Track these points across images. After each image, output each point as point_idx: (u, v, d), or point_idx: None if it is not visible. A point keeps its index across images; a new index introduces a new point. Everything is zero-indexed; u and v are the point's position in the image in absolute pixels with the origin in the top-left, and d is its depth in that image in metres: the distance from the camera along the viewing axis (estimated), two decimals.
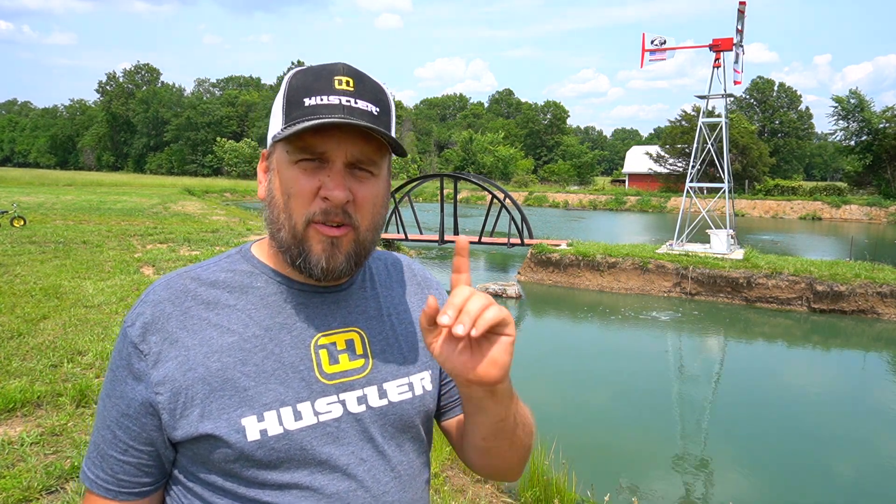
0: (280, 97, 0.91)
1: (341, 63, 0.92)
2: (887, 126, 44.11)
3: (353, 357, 0.96)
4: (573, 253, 15.10)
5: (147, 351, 0.89)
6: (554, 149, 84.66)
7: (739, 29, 17.08)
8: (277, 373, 0.90)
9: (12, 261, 10.15)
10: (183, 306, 0.92)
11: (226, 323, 0.91)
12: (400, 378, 0.99)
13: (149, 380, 0.88)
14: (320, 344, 0.94)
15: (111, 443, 0.91)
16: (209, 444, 0.87)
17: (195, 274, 0.96)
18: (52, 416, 4.12)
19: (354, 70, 0.92)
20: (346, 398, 0.93)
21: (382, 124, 0.90)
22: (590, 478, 5.13)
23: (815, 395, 8.70)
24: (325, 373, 0.93)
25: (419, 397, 1.00)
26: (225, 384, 0.88)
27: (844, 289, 12.52)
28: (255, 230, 17.76)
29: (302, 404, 0.90)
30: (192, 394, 0.87)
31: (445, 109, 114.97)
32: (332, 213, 0.89)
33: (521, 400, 1.04)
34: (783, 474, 6.05)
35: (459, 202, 22.16)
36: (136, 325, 0.90)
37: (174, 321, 0.90)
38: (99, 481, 0.91)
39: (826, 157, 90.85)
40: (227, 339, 0.90)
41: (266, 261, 0.98)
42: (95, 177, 63.44)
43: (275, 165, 0.93)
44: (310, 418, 0.90)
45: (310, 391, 0.91)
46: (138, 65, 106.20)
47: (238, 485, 0.88)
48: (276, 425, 0.88)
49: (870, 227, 37.30)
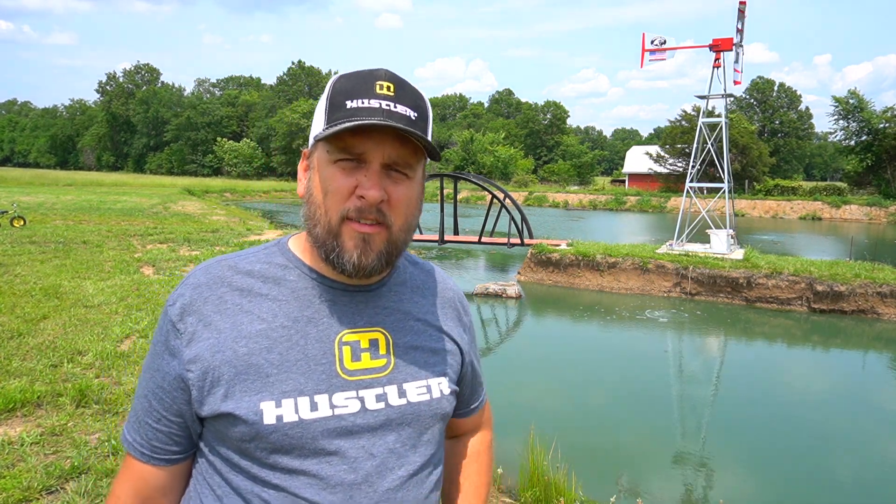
0: (323, 99, 0.96)
1: (383, 69, 0.96)
2: (887, 126, 44.08)
3: (375, 356, 1.00)
4: (573, 253, 15.10)
5: (183, 330, 0.95)
6: (554, 149, 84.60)
7: (739, 28, 17.08)
8: (300, 364, 0.95)
9: (12, 261, 10.15)
10: (219, 291, 0.98)
11: (257, 311, 0.97)
12: (420, 380, 1.03)
13: (182, 357, 0.95)
14: (344, 340, 0.99)
15: (147, 411, 0.98)
16: (228, 422, 0.93)
17: (233, 262, 1.02)
18: (52, 416, 4.11)
19: (395, 76, 0.96)
20: (365, 395, 0.98)
21: (419, 129, 0.94)
22: (590, 478, 5.13)
23: (815, 395, 8.70)
24: (346, 369, 0.98)
25: (436, 400, 1.04)
26: (249, 368, 0.93)
27: (844, 289, 12.52)
28: (255, 230, 17.76)
29: (319, 396, 0.95)
30: (219, 374, 0.93)
31: (445, 109, 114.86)
32: (366, 211, 0.93)
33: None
34: (783, 474, 6.05)
35: (459, 202, 22.15)
36: (176, 305, 0.98)
37: (210, 305, 0.97)
38: (136, 444, 1.00)
39: (826, 157, 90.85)
40: (257, 326, 0.96)
41: (301, 255, 1.04)
42: (95, 177, 63.42)
43: (315, 164, 0.98)
44: (325, 410, 0.94)
45: (329, 384, 0.96)
46: (138, 65, 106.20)
47: (252, 464, 0.94)
48: (291, 413, 0.92)
49: (870, 227, 37.30)
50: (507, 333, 11.74)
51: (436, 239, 18.00)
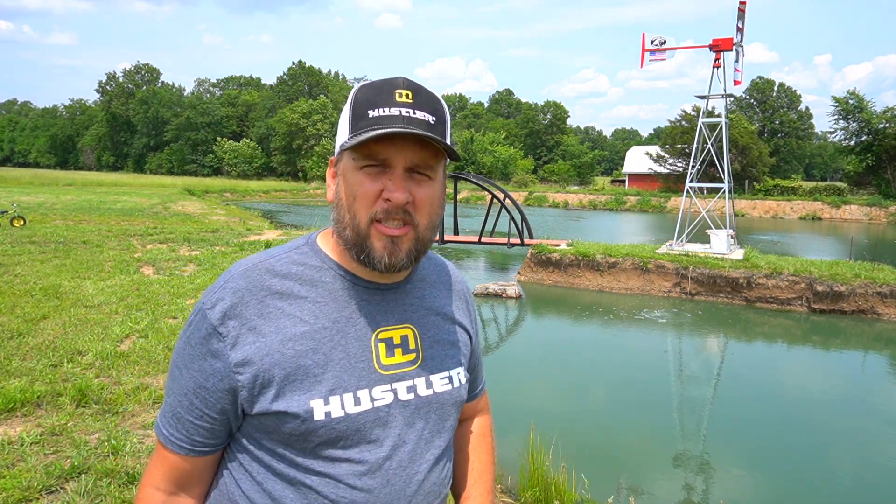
0: (346, 110, 1.02)
1: (401, 77, 1.01)
2: (887, 126, 44.08)
3: (406, 351, 1.09)
4: (573, 253, 15.10)
5: (226, 333, 0.99)
6: (554, 149, 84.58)
7: (739, 27, 17.07)
8: (343, 362, 1.02)
9: (12, 261, 10.15)
10: (259, 295, 1.02)
11: (298, 313, 1.02)
12: (443, 371, 1.13)
13: (227, 360, 0.99)
14: (380, 338, 1.07)
15: (188, 409, 1.03)
16: (279, 419, 0.99)
17: (269, 265, 1.06)
18: (51, 416, 4.11)
19: (413, 83, 1.01)
20: (397, 387, 1.06)
21: (438, 132, 1.00)
22: (590, 478, 5.12)
23: (814, 395, 8.69)
24: (382, 364, 1.05)
25: (457, 389, 1.14)
26: (298, 370, 0.99)
27: (844, 289, 12.52)
28: (255, 230, 17.76)
29: (361, 391, 1.02)
30: (270, 376, 0.98)
31: None
32: (393, 212, 0.99)
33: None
34: (783, 474, 6.05)
35: (459, 202, 22.17)
36: (215, 308, 1.01)
37: (252, 309, 1.01)
38: (174, 439, 1.04)
39: (826, 157, 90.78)
40: (300, 328, 1.01)
41: (332, 255, 1.09)
42: (95, 177, 63.43)
43: (342, 171, 1.04)
44: (366, 404, 1.02)
45: (369, 380, 1.04)
46: (138, 65, 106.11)
47: (296, 454, 1.01)
48: (338, 409, 1.00)
49: (870, 227, 37.30)
50: (507, 333, 11.74)
51: (436, 239, 17.97)
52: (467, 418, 1.36)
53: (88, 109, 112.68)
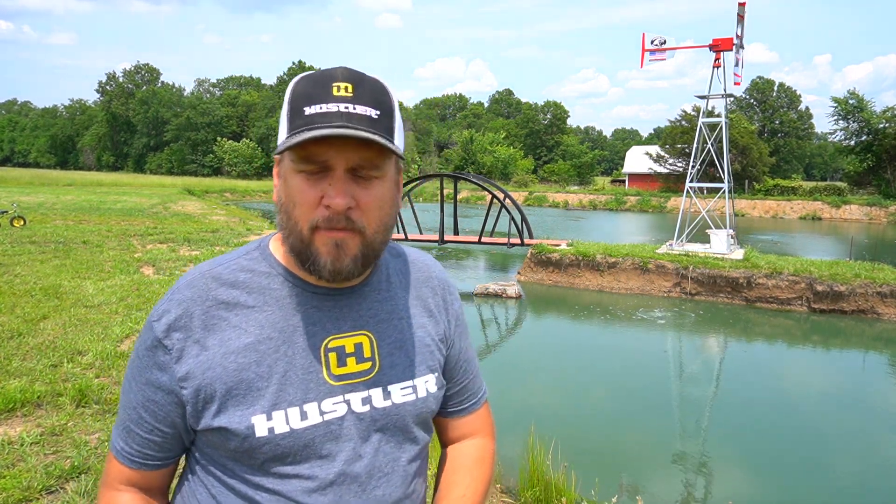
0: (285, 104, 0.95)
1: (341, 68, 0.93)
2: (887, 126, 44.08)
3: (360, 360, 1.01)
4: (573, 253, 15.10)
5: (171, 346, 0.95)
6: (554, 149, 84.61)
7: (739, 32, 17.07)
8: (289, 374, 0.96)
9: (12, 261, 10.15)
10: (204, 306, 0.97)
11: (243, 324, 0.97)
12: (405, 381, 1.04)
13: (173, 373, 0.95)
14: (330, 347, 0.99)
15: (137, 422, 0.99)
16: (222, 436, 0.95)
17: (216, 273, 1.00)
18: (52, 416, 4.11)
19: (354, 74, 0.93)
20: (351, 398, 0.99)
21: (382, 127, 0.91)
22: (590, 478, 5.12)
23: (814, 394, 8.70)
24: (333, 374, 0.99)
25: (422, 399, 1.05)
26: (240, 384, 0.94)
27: (844, 289, 12.52)
28: (255, 230, 17.76)
29: (309, 405, 0.96)
30: (211, 391, 0.94)
31: (445, 109, 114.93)
32: (334, 219, 0.92)
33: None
34: (783, 474, 6.05)
35: (459, 202, 22.16)
36: (161, 321, 0.97)
37: (196, 320, 0.96)
38: (124, 453, 1.01)
39: (826, 157, 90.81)
40: (244, 339, 0.96)
41: (282, 260, 1.03)
42: (95, 177, 63.40)
43: (283, 173, 0.97)
44: (315, 418, 0.96)
45: (318, 392, 0.97)
46: (138, 65, 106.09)
47: (246, 471, 0.97)
48: (283, 424, 0.94)
49: (870, 227, 37.31)
50: (507, 333, 11.74)
51: (436, 239, 18.00)
52: (461, 437, 1.20)
53: (88, 109, 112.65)
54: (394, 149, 0.91)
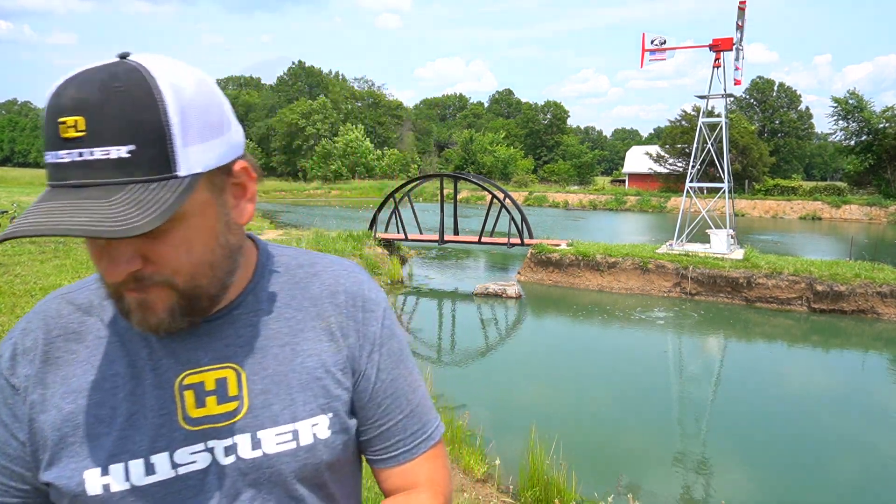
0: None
1: (69, 90, 0.68)
2: (887, 126, 44.09)
3: (222, 400, 0.82)
4: (573, 253, 15.10)
5: (18, 385, 0.80)
6: (554, 149, 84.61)
7: (740, 24, 17.07)
8: (135, 417, 0.79)
9: (12, 261, 10.16)
10: (50, 336, 0.82)
11: (91, 358, 0.81)
12: (282, 425, 0.83)
13: (21, 417, 0.80)
14: (186, 384, 0.81)
15: None
16: (55, 493, 0.79)
17: (71, 297, 0.86)
18: None
19: (87, 97, 0.67)
20: (214, 446, 0.81)
21: (145, 160, 0.67)
22: (590, 478, 5.13)
23: (814, 394, 8.70)
24: (189, 417, 0.80)
25: (306, 448, 0.84)
26: (75, 430, 0.78)
27: (844, 289, 12.52)
28: (255, 230, 17.76)
29: (157, 456, 0.78)
30: (43, 438, 0.79)
31: (445, 109, 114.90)
32: (124, 285, 0.74)
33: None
34: (783, 474, 6.05)
35: (459, 202, 22.15)
36: (4, 356, 0.82)
37: (40, 354, 0.81)
38: None
39: (826, 157, 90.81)
40: (88, 377, 0.80)
41: None
42: None
43: None
44: (165, 472, 0.79)
45: (169, 440, 0.79)
46: None
47: None
48: (121, 481, 0.77)
49: (870, 227, 37.30)
50: (506, 334, 11.75)
51: (436, 239, 18.00)
52: (394, 491, 0.94)
53: None
54: (163, 202, 0.67)
